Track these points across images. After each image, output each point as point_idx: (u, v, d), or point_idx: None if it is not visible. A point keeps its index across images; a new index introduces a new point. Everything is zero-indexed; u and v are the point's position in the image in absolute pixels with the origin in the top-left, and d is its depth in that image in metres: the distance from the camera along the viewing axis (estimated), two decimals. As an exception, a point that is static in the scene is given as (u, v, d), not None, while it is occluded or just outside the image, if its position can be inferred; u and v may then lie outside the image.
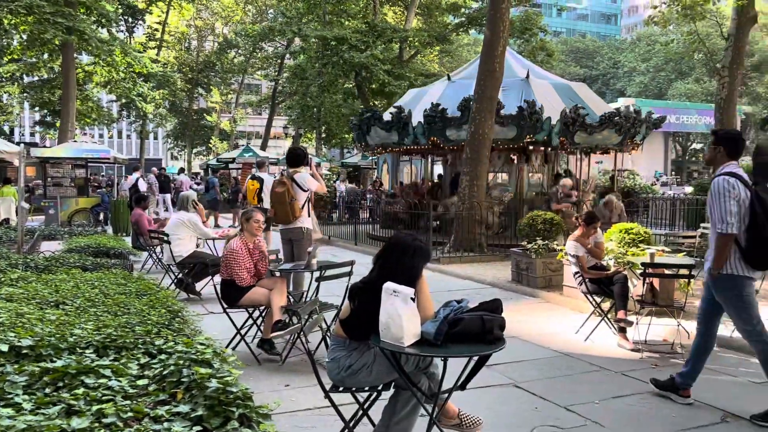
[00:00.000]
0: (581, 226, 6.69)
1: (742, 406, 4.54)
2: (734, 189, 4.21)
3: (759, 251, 4.20)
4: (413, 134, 13.75)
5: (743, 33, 14.23)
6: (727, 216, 4.20)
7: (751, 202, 4.20)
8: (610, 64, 70.51)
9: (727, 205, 4.20)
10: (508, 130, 12.97)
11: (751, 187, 4.27)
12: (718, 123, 14.62)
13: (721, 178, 4.30)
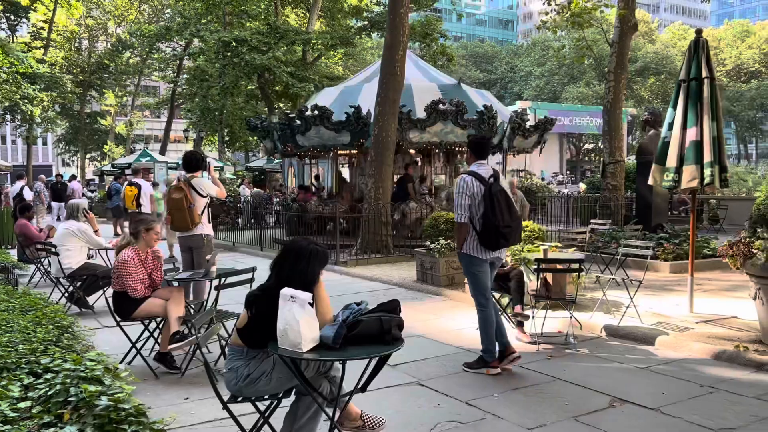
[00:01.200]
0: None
1: (628, 391, 4.83)
2: (467, 186, 5.11)
3: (488, 236, 5.05)
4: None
5: (626, 40, 15.18)
6: (459, 209, 5.16)
7: (484, 195, 5.04)
8: (508, 69, 73.35)
9: (461, 200, 5.12)
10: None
11: (486, 182, 5.08)
12: (605, 124, 15.51)
13: (460, 177, 5.27)
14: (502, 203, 5.01)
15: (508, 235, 5.06)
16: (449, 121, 13.30)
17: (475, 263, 5.22)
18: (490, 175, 5.15)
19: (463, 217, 5.12)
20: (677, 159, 6.94)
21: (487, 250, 5.15)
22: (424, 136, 13.43)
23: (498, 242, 5.07)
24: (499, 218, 4.97)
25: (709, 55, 6.95)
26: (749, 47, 70.24)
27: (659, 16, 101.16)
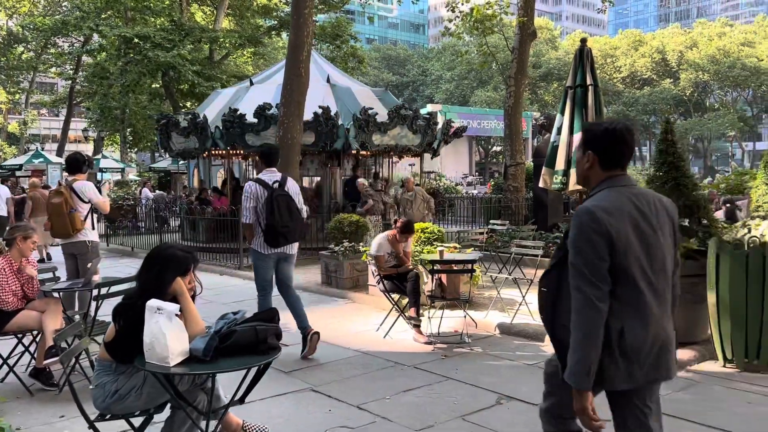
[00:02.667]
0: (396, 229, 6.85)
1: (516, 388, 4.98)
2: (252, 191, 5.77)
3: (269, 234, 5.69)
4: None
5: (525, 47, 15.77)
6: (245, 211, 5.84)
7: (266, 199, 5.68)
8: (420, 72, 74.57)
9: (246, 203, 5.80)
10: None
11: (270, 188, 5.74)
12: (507, 128, 16.05)
13: (246, 183, 6.02)
14: (282, 206, 5.67)
15: (287, 234, 5.74)
16: (406, 126, 13.80)
17: (260, 257, 5.90)
18: (275, 181, 5.81)
19: (248, 219, 5.81)
20: (565, 162, 7.27)
21: (269, 247, 5.79)
22: (384, 139, 13.76)
23: (278, 240, 5.72)
24: (278, 219, 5.63)
25: (593, 64, 7.32)
26: (642, 56, 74.82)
27: (561, 24, 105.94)
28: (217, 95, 16.46)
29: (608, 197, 2.43)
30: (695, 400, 4.64)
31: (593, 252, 2.32)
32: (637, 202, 2.44)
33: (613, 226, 2.33)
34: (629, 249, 2.35)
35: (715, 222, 6.51)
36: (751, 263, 5.24)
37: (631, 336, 2.36)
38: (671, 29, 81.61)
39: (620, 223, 2.35)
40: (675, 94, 73.32)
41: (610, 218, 2.34)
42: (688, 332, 5.93)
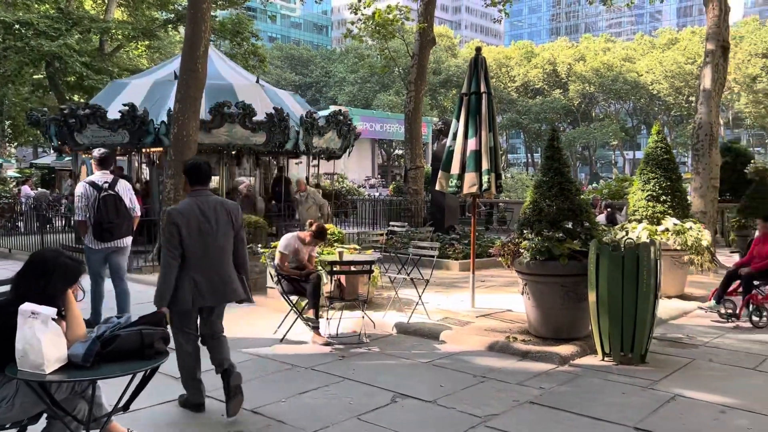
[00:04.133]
0: (309, 232, 6.75)
1: (411, 386, 5.08)
2: (83, 191, 6.49)
3: (97, 230, 6.46)
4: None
5: (425, 53, 16.15)
6: (77, 210, 6.58)
7: (96, 199, 6.42)
8: (323, 73, 74.41)
9: (78, 202, 6.53)
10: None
11: (100, 188, 6.47)
12: (407, 132, 16.35)
13: (79, 184, 6.80)
14: (109, 205, 6.43)
15: (113, 230, 6.48)
16: (336, 130, 13.60)
17: (90, 252, 6.64)
18: (105, 182, 6.52)
19: (81, 216, 6.51)
20: (460, 166, 7.50)
21: (99, 242, 6.53)
22: (319, 142, 13.71)
23: (103, 235, 6.46)
24: (104, 217, 6.39)
25: (487, 72, 7.61)
26: (535, 66, 78.56)
27: (461, 32, 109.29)
28: (124, 87, 15.26)
29: (185, 203, 4.39)
30: (576, 392, 4.93)
31: (169, 233, 4.20)
32: (201, 205, 4.31)
33: (181, 219, 4.22)
34: (190, 232, 4.22)
35: (596, 225, 6.95)
36: (626, 264, 5.63)
37: (195, 278, 4.23)
38: (561, 42, 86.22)
39: (186, 217, 4.24)
40: (564, 104, 77.55)
41: (180, 215, 4.24)
42: (572, 328, 6.31)
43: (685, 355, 6.00)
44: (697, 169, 12.39)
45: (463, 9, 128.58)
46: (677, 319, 7.65)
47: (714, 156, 12.32)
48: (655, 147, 9.21)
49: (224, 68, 15.75)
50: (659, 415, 4.45)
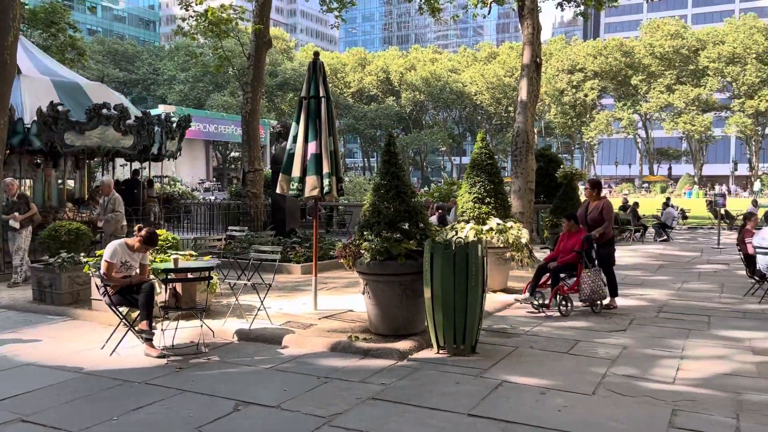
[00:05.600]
0: (138, 237, 6.27)
1: (254, 392, 4.99)
2: None
3: None
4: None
5: (261, 54, 15.94)
6: None
7: None
8: (151, 70, 70.40)
9: None
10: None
11: None
12: (245, 134, 16.02)
13: None
14: None
15: None
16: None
17: None
18: None
19: None
20: (301, 170, 7.51)
21: None
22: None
23: None
24: None
25: (326, 76, 7.70)
26: (369, 74, 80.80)
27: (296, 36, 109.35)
28: None
29: None
30: (414, 385, 5.16)
31: None
32: None
33: None
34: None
35: (430, 226, 7.33)
36: (457, 261, 6.01)
37: None
38: (393, 51, 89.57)
39: None
40: (397, 110, 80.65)
41: None
42: (410, 324, 6.60)
43: (509, 343, 6.53)
44: (516, 173, 13.55)
45: (298, 13, 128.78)
46: (502, 311, 8.30)
47: (530, 161, 13.56)
48: (480, 153, 9.90)
49: (55, 65, 14.48)
50: (489, 400, 4.80)
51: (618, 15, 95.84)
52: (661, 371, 5.58)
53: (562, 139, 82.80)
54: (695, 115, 69.16)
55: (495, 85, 74.76)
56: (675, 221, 23.15)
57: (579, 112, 74.80)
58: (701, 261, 14.31)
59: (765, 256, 8.96)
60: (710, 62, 68.28)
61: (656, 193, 60.96)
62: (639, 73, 71.66)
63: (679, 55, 70.57)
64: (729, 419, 4.39)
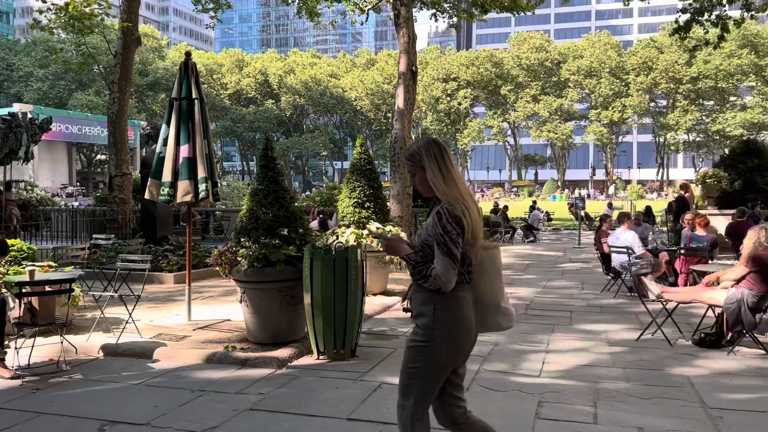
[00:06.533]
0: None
1: (122, 411, 4.70)
2: None
3: None
4: None
5: (129, 53, 15.08)
6: None
7: None
8: (4, 65, 64.59)
9: None
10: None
11: None
12: (111, 136, 15.07)
13: None
14: None
15: None
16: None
17: None
18: None
19: None
20: (172, 174, 7.19)
21: None
22: None
23: None
24: None
25: (199, 77, 7.44)
26: (247, 75, 79.20)
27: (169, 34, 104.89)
28: None
29: None
30: (294, 393, 5.10)
31: None
32: None
33: None
34: None
35: (310, 231, 7.29)
36: (337, 265, 6.01)
37: None
38: (270, 54, 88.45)
39: None
40: (277, 114, 79.65)
41: None
42: (289, 332, 6.51)
43: (388, 346, 6.63)
44: (394, 178, 13.82)
45: (171, 10, 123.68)
46: (381, 313, 8.42)
47: (408, 166, 13.88)
48: (359, 158, 10.01)
49: None
50: (368, 403, 4.84)
51: (489, 27, 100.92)
52: (529, 365, 5.90)
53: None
54: (558, 123, 74.35)
55: (374, 92, 76.02)
56: (541, 223, 24.73)
57: (453, 119, 77.85)
58: (564, 260, 15.35)
59: (619, 254, 9.77)
60: (570, 75, 73.71)
61: (524, 196, 64.71)
62: (508, 83, 75.85)
63: (543, 67, 75.54)
64: (588, 407, 4.72)
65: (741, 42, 65.59)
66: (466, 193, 2.96)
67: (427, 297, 2.95)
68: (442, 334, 2.92)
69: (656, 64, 69.99)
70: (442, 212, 2.89)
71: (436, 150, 2.98)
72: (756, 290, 6.15)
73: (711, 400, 4.86)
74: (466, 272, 2.98)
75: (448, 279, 2.84)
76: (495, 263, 3.09)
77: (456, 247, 2.84)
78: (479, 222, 2.97)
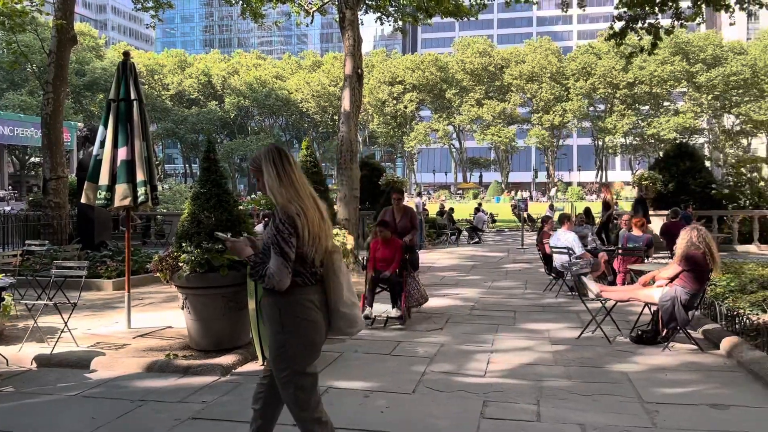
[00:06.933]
0: None
1: (57, 424, 4.52)
2: None
3: None
4: None
5: (65, 52, 14.53)
6: None
7: None
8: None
9: None
10: None
11: None
12: (45, 138, 14.49)
13: None
14: None
15: None
16: None
17: None
18: None
19: None
20: (109, 177, 6.97)
21: None
22: None
23: None
24: None
25: (137, 78, 7.24)
26: (189, 76, 77.58)
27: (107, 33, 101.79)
28: None
29: None
30: (238, 401, 5.00)
31: None
32: None
33: None
34: None
35: (255, 235, 7.17)
36: (282, 270, 5.94)
37: None
38: (214, 54, 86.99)
39: None
40: (221, 116, 78.32)
41: None
42: (233, 338, 6.39)
43: (336, 349, 6.60)
44: (341, 181, 13.77)
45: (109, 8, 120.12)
46: (328, 317, 8.34)
47: (355, 170, 13.85)
48: (305, 161, 9.97)
49: None
50: (315, 408, 4.80)
51: (434, 32, 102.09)
52: (474, 365, 5.98)
53: (385, 148, 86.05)
54: (501, 127, 75.82)
55: (320, 94, 75.73)
56: (485, 225, 25.14)
57: (400, 122, 78.33)
58: (508, 260, 15.64)
59: (560, 255, 10.02)
60: (513, 79, 75.30)
61: (469, 198, 65.70)
62: (453, 87, 76.89)
63: (486, 71, 76.90)
64: (531, 406, 4.82)
65: (673, 49, 68.49)
66: (305, 196, 3.07)
67: (273, 302, 3.06)
68: (292, 337, 3.04)
69: (595, 70, 72.28)
70: (276, 213, 3.01)
71: (275, 155, 3.11)
72: (689, 288, 6.41)
73: (647, 394, 5.03)
74: (309, 273, 3.06)
75: (281, 278, 2.93)
76: (336, 267, 3.19)
77: (288, 246, 2.93)
78: (321, 224, 3.08)
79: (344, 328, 3.20)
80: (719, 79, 67.98)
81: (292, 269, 2.96)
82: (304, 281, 3.03)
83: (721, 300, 7.49)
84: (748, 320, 6.52)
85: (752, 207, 17.97)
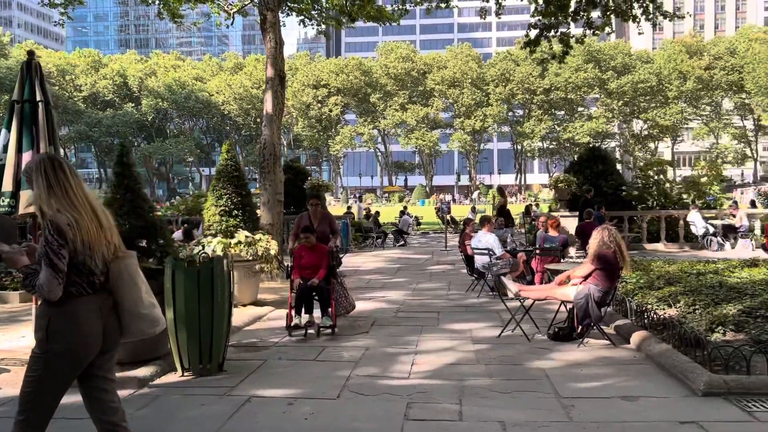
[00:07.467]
0: None
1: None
2: None
3: None
4: None
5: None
6: None
7: None
8: None
9: None
10: None
11: None
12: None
13: None
14: None
15: None
16: None
17: None
18: None
19: None
20: (13, 183, 6.56)
21: None
22: None
23: None
24: None
25: (44, 79, 6.86)
26: (104, 77, 74.40)
27: (12, 30, 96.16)
28: None
29: None
30: (155, 414, 4.82)
31: None
32: None
33: None
34: None
35: (172, 242, 6.96)
36: (202, 278, 5.78)
37: None
38: (130, 55, 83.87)
39: None
40: (138, 118, 75.52)
41: None
42: (151, 349, 6.14)
43: (258, 357, 6.48)
44: (264, 185, 13.55)
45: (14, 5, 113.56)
46: (252, 324, 8.21)
47: (278, 173, 13.66)
48: (226, 164, 9.75)
49: None
50: (236, 418, 4.69)
51: (357, 36, 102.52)
52: (399, 367, 6.02)
53: (310, 152, 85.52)
54: (425, 131, 76.96)
55: (243, 96, 74.40)
56: (410, 227, 25.43)
57: (325, 126, 78.08)
58: (432, 262, 15.88)
59: (481, 256, 10.26)
60: (436, 84, 76.62)
61: (395, 202, 66.28)
62: (377, 91, 77.39)
63: (410, 76, 77.89)
64: (454, 405, 4.89)
65: (586, 57, 71.70)
66: (80, 205, 3.08)
67: (43, 311, 3.07)
68: (56, 347, 3.03)
69: (513, 76, 74.62)
70: (45, 224, 3.00)
71: (47, 165, 3.10)
72: (601, 286, 6.70)
73: (564, 390, 5.22)
74: (86, 283, 3.08)
75: (51, 289, 2.94)
76: (130, 271, 3.22)
77: (58, 257, 2.94)
78: (98, 233, 3.09)
79: (146, 329, 3.23)
80: (628, 86, 71.73)
81: (66, 279, 2.96)
82: (79, 291, 3.03)
83: (631, 296, 7.89)
84: (656, 315, 6.88)
85: (659, 207, 19.05)
